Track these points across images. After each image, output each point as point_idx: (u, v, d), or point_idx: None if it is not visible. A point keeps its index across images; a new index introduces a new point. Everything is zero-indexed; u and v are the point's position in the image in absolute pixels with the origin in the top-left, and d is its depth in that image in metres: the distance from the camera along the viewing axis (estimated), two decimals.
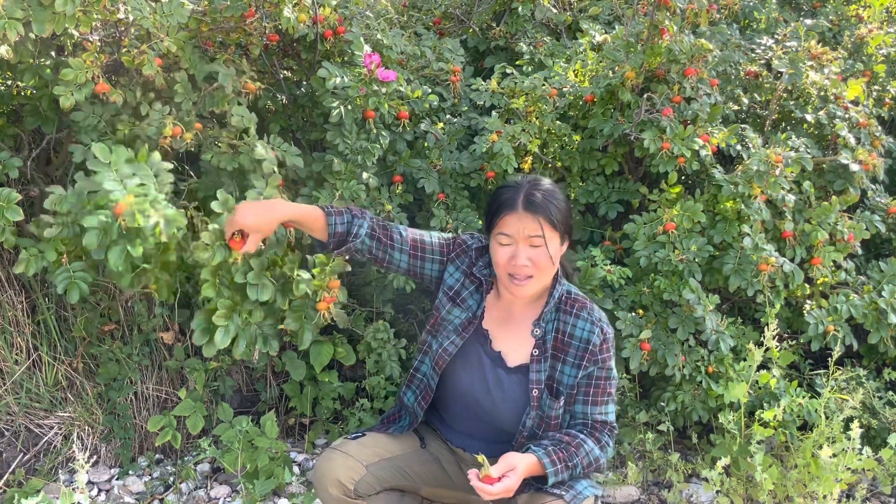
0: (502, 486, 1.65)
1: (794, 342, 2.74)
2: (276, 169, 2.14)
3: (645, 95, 2.57)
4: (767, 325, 2.31)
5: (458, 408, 1.96)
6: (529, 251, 1.75)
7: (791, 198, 2.57)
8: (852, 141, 2.79)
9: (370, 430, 2.01)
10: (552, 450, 1.75)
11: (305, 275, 1.94)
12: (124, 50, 2.09)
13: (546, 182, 1.82)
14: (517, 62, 3.08)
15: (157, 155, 1.83)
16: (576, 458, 1.76)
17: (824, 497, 2.15)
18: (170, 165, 1.84)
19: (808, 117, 2.87)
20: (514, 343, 1.89)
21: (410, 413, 2.01)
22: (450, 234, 1.99)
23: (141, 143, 2.08)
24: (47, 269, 1.95)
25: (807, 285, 2.61)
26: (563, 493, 1.74)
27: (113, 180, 1.68)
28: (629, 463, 2.51)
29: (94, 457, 2.62)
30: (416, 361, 2.04)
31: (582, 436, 1.81)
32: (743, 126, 2.74)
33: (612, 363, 1.86)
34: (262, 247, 1.87)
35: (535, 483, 1.79)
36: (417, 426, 2.02)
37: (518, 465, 1.69)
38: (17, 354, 2.57)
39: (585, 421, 1.85)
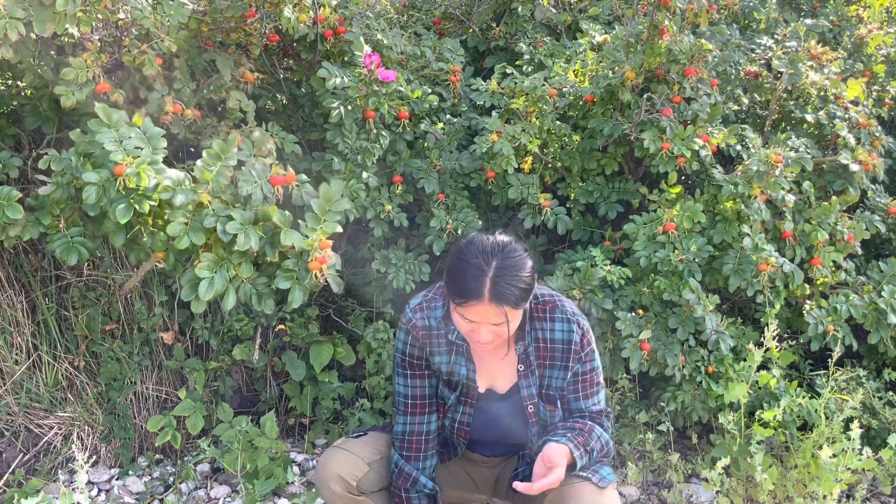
0: (553, 478, 1.63)
1: (794, 342, 2.74)
2: (275, 159, 2.15)
3: (645, 95, 2.57)
4: (767, 325, 2.31)
5: (472, 447, 1.99)
6: (493, 328, 1.68)
7: (791, 198, 2.57)
8: (852, 141, 2.79)
9: (372, 430, 2.01)
10: (571, 436, 1.75)
11: (296, 233, 1.92)
12: (125, 49, 2.10)
13: (512, 258, 1.67)
14: (517, 62, 3.08)
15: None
16: (592, 443, 1.77)
17: (824, 497, 2.15)
18: (162, 131, 1.88)
19: (808, 117, 2.87)
20: (501, 371, 1.87)
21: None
22: (401, 351, 1.89)
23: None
24: (46, 235, 1.98)
25: (807, 285, 2.61)
26: (590, 475, 1.75)
27: (113, 141, 1.73)
28: (629, 463, 2.51)
29: (94, 457, 2.62)
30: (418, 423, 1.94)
31: (588, 424, 1.81)
32: (743, 126, 2.74)
33: (595, 352, 1.84)
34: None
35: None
36: None
37: (557, 459, 1.67)
38: (17, 354, 2.57)
39: (583, 415, 1.85)
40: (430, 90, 2.74)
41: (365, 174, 2.51)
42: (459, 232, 2.59)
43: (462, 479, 2.01)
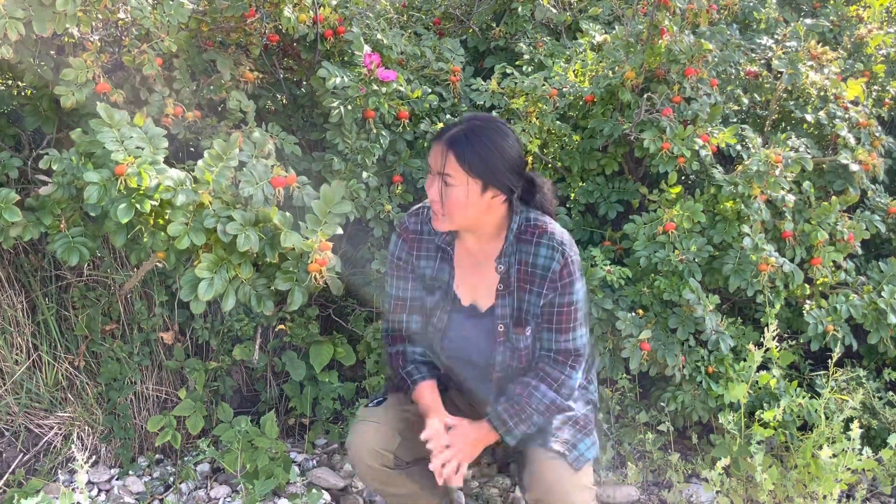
0: (448, 454, 1.74)
1: (794, 342, 2.74)
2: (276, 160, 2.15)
3: (645, 95, 2.57)
4: (767, 325, 2.31)
5: (449, 363, 2.00)
6: (443, 187, 1.71)
7: (791, 198, 2.57)
8: (852, 141, 2.79)
9: (388, 392, 2.01)
10: (503, 410, 1.81)
11: (296, 235, 1.93)
12: (125, 49, 2.10)
13: (490, 126, 1.72)
14: (517, 62, 3.08)
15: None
16: (528, 409, 1.80)
17: (824, 497, 2.15)
18: (164, 131, 1.88)
19: (808, 117, 2.87)
20: (484, 289, 1.87)
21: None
22: (392, 254, 1.97)
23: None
24: (46, 235, 1.98)
25: (807, 285, 2.61)
26: (566, 452, 1.76)
27: (114, 140, 1.74)
28: (629, 463, 2.51)
29: (94, 457, 2.62)
30: (401, 321, 2.00)
31: (533, 382, 1.82)
32: (743, 126, 2.73)
33: (578, 287, 1.81)
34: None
35: (539, 439, 1.82)
36: None
37: (461, 439, 1.78)
38: (17, 354, 2.57)
39: (549, 350, 1.84)
40: (430, 90, 2.74)
41: (365, 174, 2.51)
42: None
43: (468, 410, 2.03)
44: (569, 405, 1.88)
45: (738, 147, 2.69)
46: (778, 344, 2.51)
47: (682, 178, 2.83)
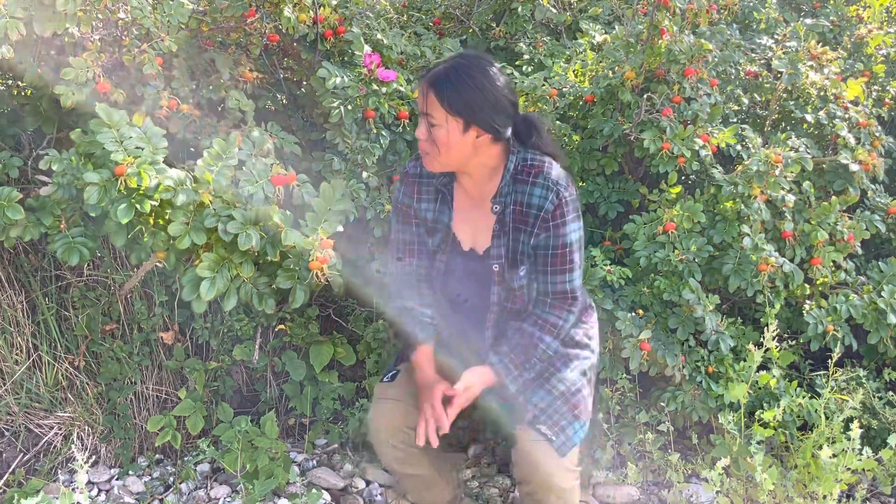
0: (462, 401, 1.78)
1: (793, 342, 2.74)
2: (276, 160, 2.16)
3: (645, 95, 2.57)
4: (767, 325, 2.30)
5: (448, 305, 2.01)
6: (430, 127, 1.72)
7: (791, 198, 2.57)
8: (852, 141, 2.79)
9: (399, 363, 2.03)
10: (507, 359, 1.83)
11: (296, 233, 1.94)
12: (125, 49, 2.10)
13: (474, 63, 1.70)
14: (517, 62, 3.08)
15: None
16: (533, 359, 1.84)
17: (824, 497, 2.15)
18: (163, 131, 1.89)
19: (808, 117, 2.87)
20: (483, 231, 1.88)
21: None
22: (396, 199, 2.00)
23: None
24: (47, 236, 1.98)
25: (807, 285, 2.61)
26: (553, 437, 1.78)
27: (113, 141, 1.74)
28: (629, 463, 2.51)
29: (94, 457, 2.62)
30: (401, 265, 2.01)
31: (537, 333, 1.84)
32: (743, 126, 2.73)
33: (573, 228, 1.80)
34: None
35: (535, 407, 1.84)
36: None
37: (474, 381, 1.80)
38: (17, 354, 2.57)
39: (545, 293, 1.85)
40: None
41: (365, 174, 2.51)
42: None
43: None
44: (575, 352, 1.92)
45: (738, 147, 2.69)
46: (778, 344, 2.51)
47: (682, 178, 2.83)
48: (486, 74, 1.70)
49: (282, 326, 2.81)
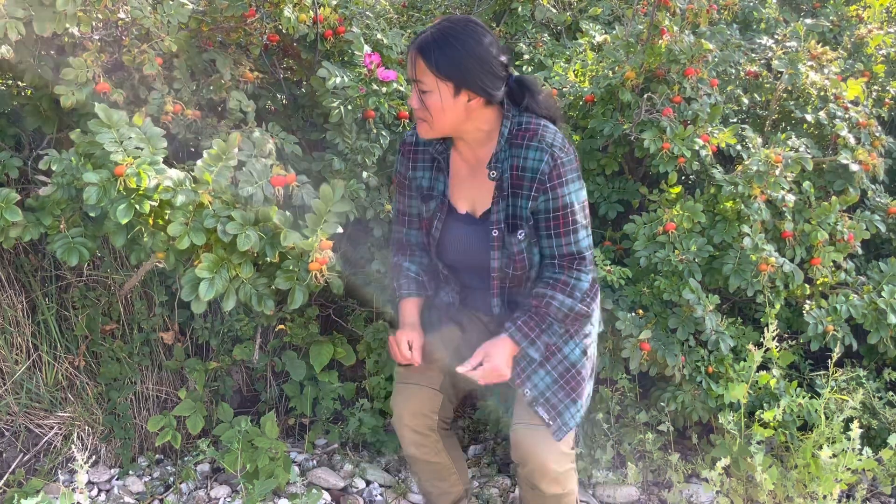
0: (486, 369, 1.76)
1: (794, 342, 2.74)
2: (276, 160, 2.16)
3: (645, 95, 2.57)
4: (767, 325, 2.31)
5: (449, 272, 2.02)
6: (421, 94, 1.73)
7: (791, 198, 2.57)
8: (852, 141, 2.79)
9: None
10: (522, 323, 1.82)
11: (296, 234, 1.94)
12: (125, 49, 2.10)
13: (463, 28, 1.69)
14: (517, 62, 3.08)
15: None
16: (548, 319, 1.82)
17: (824, 497, 2.15)
18: (163, 132, 1.89)
19: (808, 117, 2.87)
20: (480, 196, 1.87)
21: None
22: (396, 169, 2.04)
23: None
24: (46, 236, 1.98)
25: (807, 285, 2.61)
26: (550, 422, 1.79)
27: (113, 141, 1.74)
28: (629, 463, 2.51)
29: (94, 457, 2.62)
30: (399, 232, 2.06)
31: (549, 292, 1.82)
32: (743, 126, 2.74)
33: (572, 189, 1.78)
34: None
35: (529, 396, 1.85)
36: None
37: (492, 351, 1.79)
38: (17, 354, 2.57)
39: (552, 257, 1.83)
40: None
41: (365, 174, 2.51)
42: None
43: (450, 338, 2.03)
44: (586, 310, 1.87)
45: (738, 147, 2.69)
46: (778, 344, 2.51)
47: (682, 178, 2.83)
48: (473, 36, 1.69)
49: (282, 326, 2.81)
